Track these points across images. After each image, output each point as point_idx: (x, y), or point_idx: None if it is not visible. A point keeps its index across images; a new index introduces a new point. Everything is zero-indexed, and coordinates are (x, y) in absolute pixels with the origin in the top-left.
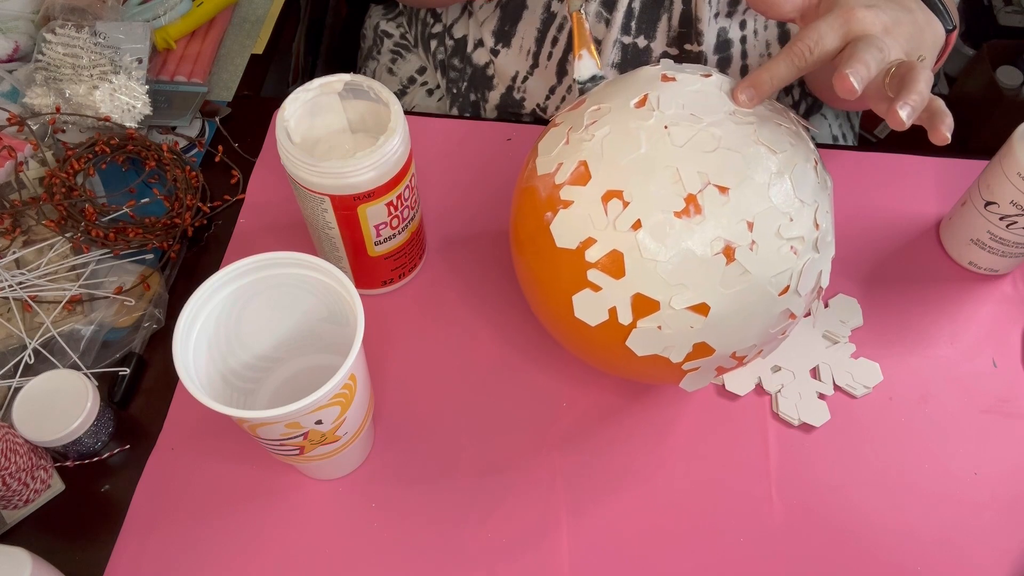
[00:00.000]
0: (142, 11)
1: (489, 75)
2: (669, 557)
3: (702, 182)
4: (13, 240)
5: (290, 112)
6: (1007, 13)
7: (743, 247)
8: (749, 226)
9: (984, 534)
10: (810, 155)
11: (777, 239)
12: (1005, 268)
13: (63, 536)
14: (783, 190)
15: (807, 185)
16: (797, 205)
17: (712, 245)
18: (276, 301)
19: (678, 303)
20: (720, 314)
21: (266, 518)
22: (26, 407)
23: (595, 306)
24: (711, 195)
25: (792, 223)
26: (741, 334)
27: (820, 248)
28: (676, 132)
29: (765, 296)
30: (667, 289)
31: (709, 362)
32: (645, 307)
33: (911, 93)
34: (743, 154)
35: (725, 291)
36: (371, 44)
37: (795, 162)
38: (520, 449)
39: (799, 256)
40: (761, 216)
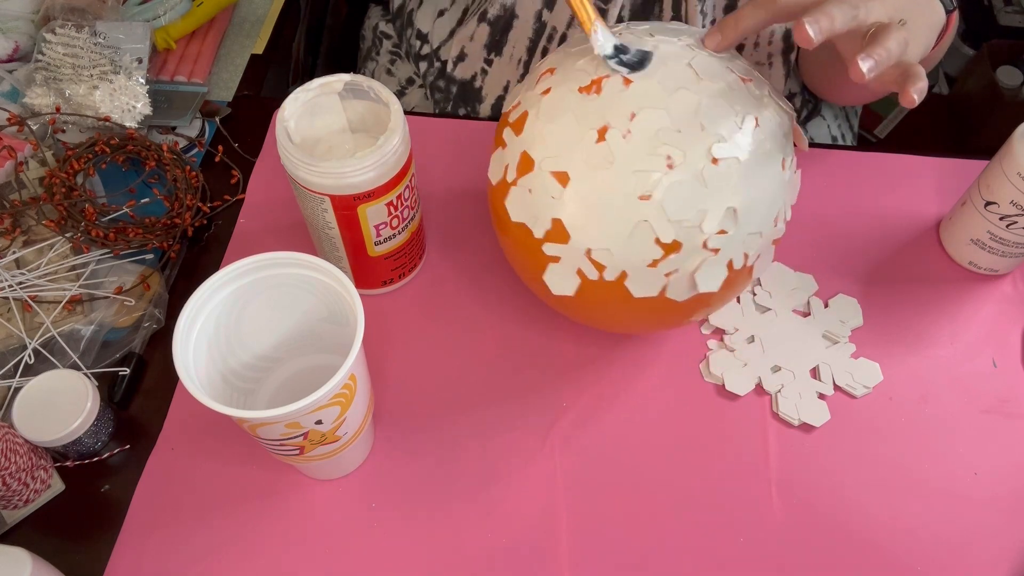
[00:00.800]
0: (142, 11)
1: (477, 87)
2: (669, 557)
3: (611, 73)
4: (13, 240)
5: (290, 112)
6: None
7: (616, 130)
8: (631, 116)
9: (984, 534)
10: (751, 111)
11: (653, 140)
12: (1005, 268)
13: (63, 536)
14: (685, 107)
15: (716, 118)
16: (693, 127)
17: (593, 120)
18: (276, 301)
19: (546, 165)
20: (576, 192)
21: (266, 518)
22: (26, 407)
23: (498, 162)
24: (615, 81)
25: (678, 135)
26: (594, 230)
27: (708, 181)
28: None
29: (623, 193)
30: (543, 150)
31: (567, 252)
32: (526, 166)
33: (876, 47)
34: (666, 65)
35: (586, 169)
36: (370, 45)
37: (720, 96)
38: (520, 449)
39: (672, 172)
40: (647, 113)
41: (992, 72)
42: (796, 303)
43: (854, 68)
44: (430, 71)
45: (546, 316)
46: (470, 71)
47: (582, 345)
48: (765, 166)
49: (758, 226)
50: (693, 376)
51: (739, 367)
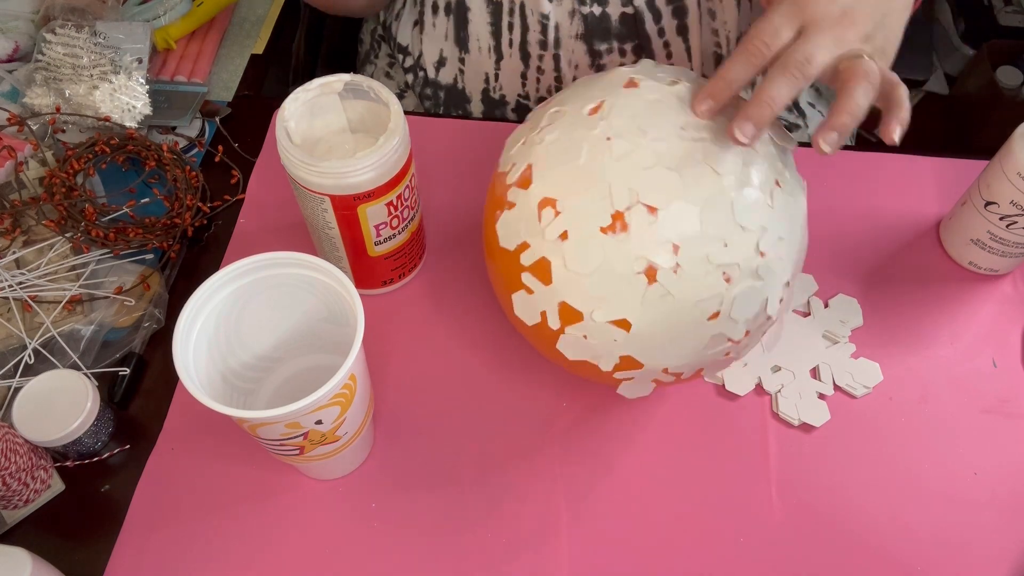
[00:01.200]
0: (142, 11)
1: (460, 89)
2: (669, 557)
3: (631, 200)
4: (13, 240)
5: (290, 112)
6: (1007, 13)
7: (666, 269)
8: (675, 249)
9: (984, 534)
10: (767, 175)
11: (705, 264)
12: (1005, 268)
13: (63, 536)
14: (719, 214)
15: (751, 210)
16: (735, 231)
17: (635, 264)
18: (276, 301)
19: (599, 316)
20: (642, 332)
21: (266, 518)
22: (26, 407)
23: (529, 308)
24: (639, 213)
25: (726, 249)
26: (669, 352)
27: (764, 275)
28: (618, 145)
29: (692, 319)
30: (589, 301)
31: (641, 374)
32: (571, 316)
33: (840, 114)
34: (680, 174)
35: (645, 311)
36: (368, 49)
37: (742, 185)
38: (520, 449)
39: (732, 284)
40: (689, 240)
41: (992, 72)
42: (796, 303)
43: (814, 143)
44: (416, 81)
45: None
46: (451, 74)
47: None
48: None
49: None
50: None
51: (739, 367)
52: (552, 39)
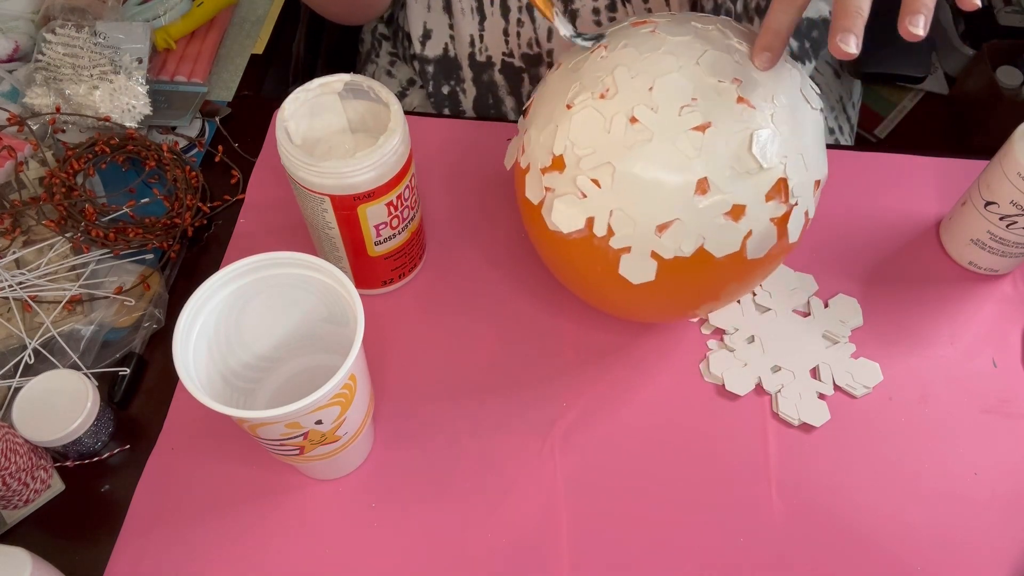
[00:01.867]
0: (142, 11)
1: (452, 56)
2: (669, 557)
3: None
4: (13, 240)
5: (290, 112)
6: (1007, 13)
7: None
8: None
9: (984, 534)
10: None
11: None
12: (1005, 268)
13: (63, 536)
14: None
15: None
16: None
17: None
18: (276, 301)
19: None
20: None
21: (266, 518)
22: (26, 407)
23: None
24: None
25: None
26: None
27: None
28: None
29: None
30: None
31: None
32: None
33: (843, 18)
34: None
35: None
36: (369, 48)
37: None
38: (520, 449)
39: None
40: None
41: (992, 72)
42: (796, 303)
43: (833, 46)
44: (417, 68)
45: (547, 316)
46: (440, 45)
47: (582, 345)
48: (667, 171)
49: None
50: (693, 376)
51: (739, 367)
52: None
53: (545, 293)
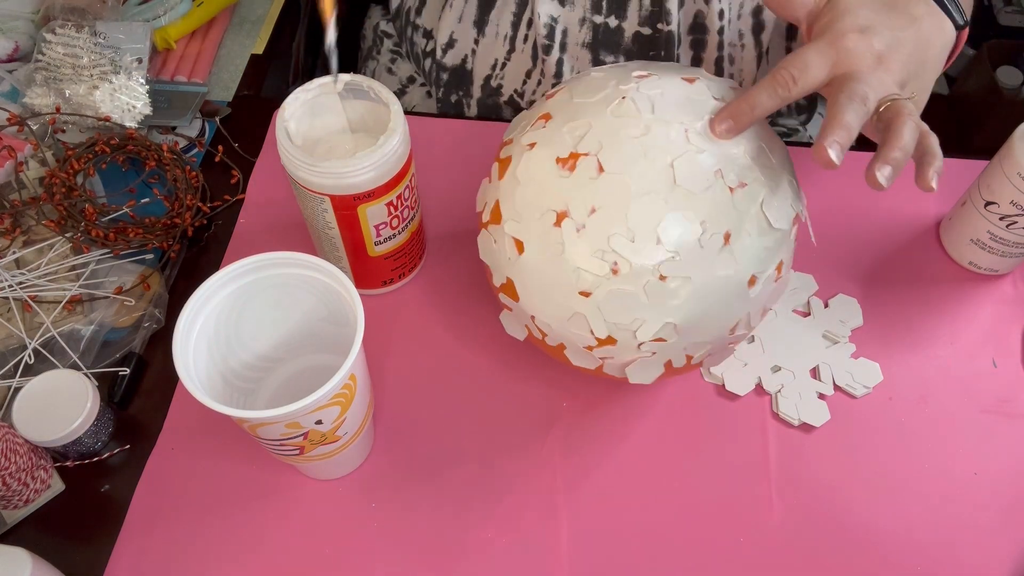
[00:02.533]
0: (142, 11)
1: (468, 69)
2: (669, 557)
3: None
4: (13, 240)
5: (290, 112)
6: (1007, 13)
7: (572, 222)
8: (591, 211)
9: (984, 534)
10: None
11: (603, 244)
12: (1005, 268)
13: (63, 536)
14: (656, 225)
15: (690, 243)
16: (656, 249)
17: (555, 202)
18: (276, 301)
19: (508, 228)
20: (529, 264)
21: (266, 518)
22: (26, 407)
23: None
24: (590, 164)
25: (632, 245)
26: (538, 297)
27: (651, 297)
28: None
29: (566, 282)
30: (508, 208)
31: (516, 307)
32: (496, 216)
33: (892, 150)
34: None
35: (540, 246)
36: (371, 44)
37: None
38: (520, 449)
39: (615, 278)
40: (605, 212)
41: (992, 72)
42: (796, 303)
43: (870, 177)
44: (434, 67)
45: None
46: (460, 55)
47: None
48: (724, 286)
49: (705, 336)
50: (693, 376)
51: (739, 367)
52: (559, 42)
53: None
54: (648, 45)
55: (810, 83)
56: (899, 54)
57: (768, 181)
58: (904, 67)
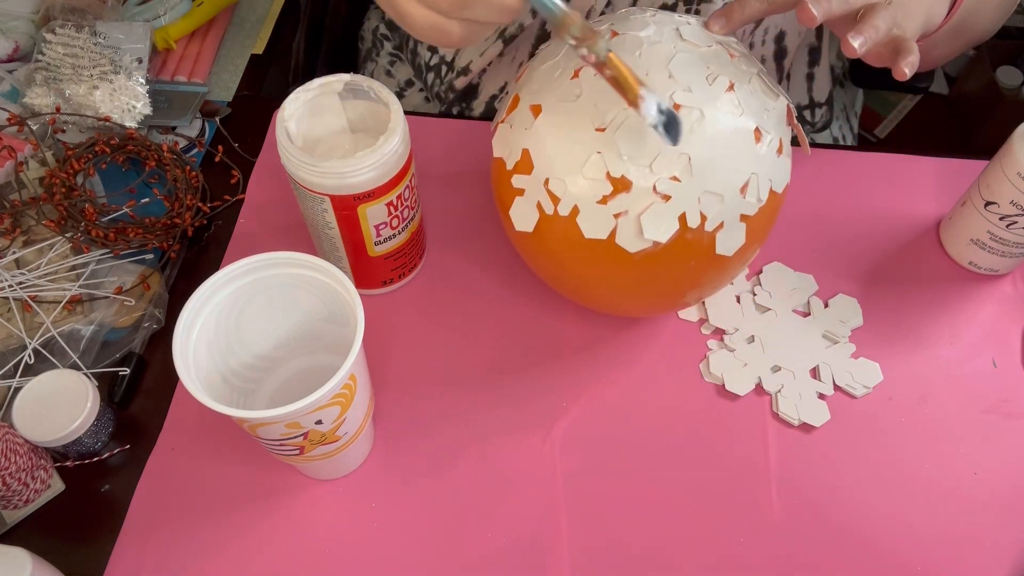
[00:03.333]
0: (142, 11)
1: (474, 85)
2: (669, 557)
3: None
4: (13, 240)
5: (290, 112)
6: None
7: (589, 70)
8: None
9: (984, 534)
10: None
11: None
12: (1005, 268)
13: (63, 536)
14: (668, 63)
15: (699, 81)
16: (670, 82)
17: (573, 64)
18: (276, 301)
19: (525, 100)
20: (546, 122)
21: (266, 518)
22: (26, 407)
23: None
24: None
25: (647, 78)
26: (554, 152)
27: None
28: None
29: (582, 124)
30: (526, 89)
31: (530, 181)
32: (513, 105)
33: (865, 25)
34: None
35: (557, 100)
36: (370, 47)
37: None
38: (520, 449)
39: (631, 109)
40: (620, 55)
41: (992, 72)
42: (796, 303)
43: (846, 45)
44: (437, 80)
45: (547, 316)
46: (471, 80)
47: (582, 345)
48: (733, 128)
49: (718, 187)
50: (693, 376)
51: (739, 367)
52: None
53: (545, 293)
54: None
55: None
56: None
57: (759, 67)
58: None
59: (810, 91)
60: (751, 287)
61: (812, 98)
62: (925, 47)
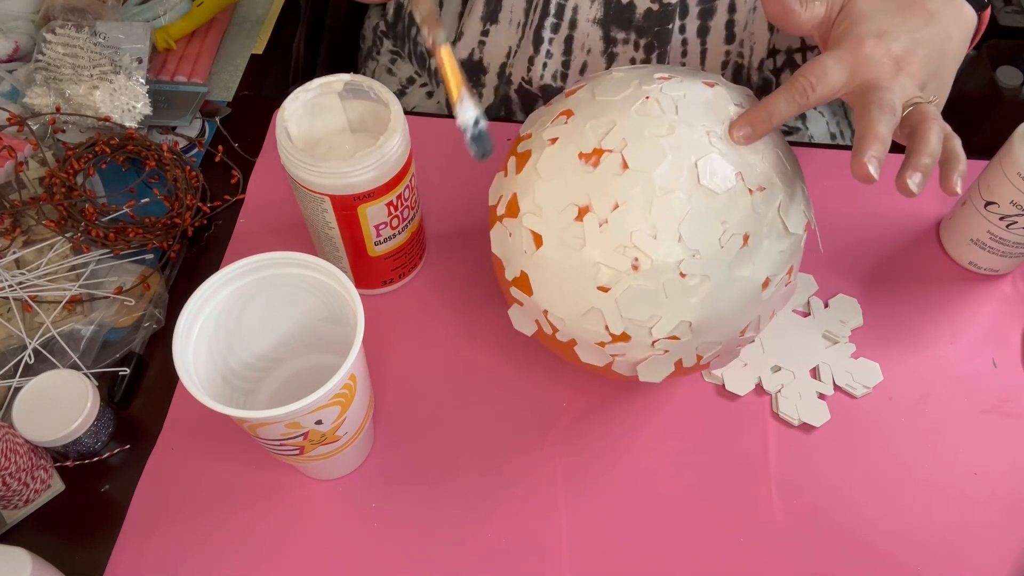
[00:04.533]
0: (142, 11)
1: (476, 60)
2: (669, 557)
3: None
4: (13, 240)
5: (290, 112)
6: (1007, 13)
7: (595, 216)
8: (614, 207)
9: (984, 534)
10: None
11: (625, 240)
12: (1005, 268)
13: (63, 536)
14: (679, 223)
15: (711, 243)
16: (677, 247)
17: (578, 196)
18: (276, 301)
19: (526, 221)
20: (546, 258)
21: (266, 518)
22: (26, 407)
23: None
24: (614, 160)
25: (654, 242)
26: (553, 290)
27: (669, 294)
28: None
29: (584, 276)
30: (527, 202)
31: (529, 301)
32: (513, 209)
33: (921, 156)
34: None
35: (559, 240)
36: (370, 45)
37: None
38: (520, 449)
39: (635, 274)
40: (628, 208)
41: (992, 72)
42: (796, 303)
43: (902, 185)
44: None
45: None
46: (467, 48)
47: None
48: (741, 287)
49: (717, 337)
50: (693, 376)
51: (739, 367)
52: (568, 19)
53: None
54: (658, 20)
55: (828, 90)
56: (918, 56)
57: (785, 187)
58: (923, 68)
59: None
60: None
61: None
62: None
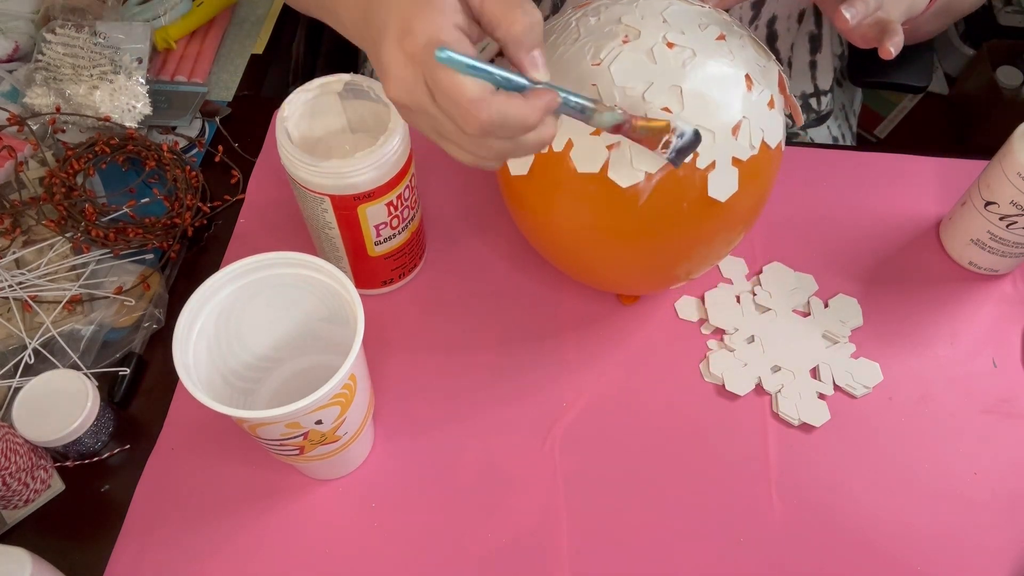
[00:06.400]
0: (142, 11)
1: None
2: (669, 557)
3: None
4: (13, 240)
5: (290, 112)
6: (1007, 13)
7: (587, 11)
8: (605, 7)
9: (984, 533)
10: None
11: (616, 23)
12: (1005, 268)
13: (63, 536)
14: (663, 11)
15: (692, 27)
16: (663, 26)
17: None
18: (276, 301)
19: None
20: (547, 61)
21: (266, 518)
22: (26, 407)
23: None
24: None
25: (642, 21)
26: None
27: (659, 61)
28: None
29: (580, 60)
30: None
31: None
32: None
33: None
34: None
35: (558, 42)
36: None
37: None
38: (520, 449)
39: (625, 46)
40: (619, 6)
41: (992, 72)
42: (796, 303)
43: (839, 17)
44: None
45: (547, 316)
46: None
47: (582, 345)
48: (723, 72)
49: (709, 123)
50: (693, 376)
51: (739, 367)
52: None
53: (545, 293)
54: None
55: None
56: None
57: (751, 32)
58: None
59: (814, 79)
60: (751, 287)
61: (816, 86)
62: (912, 26)
